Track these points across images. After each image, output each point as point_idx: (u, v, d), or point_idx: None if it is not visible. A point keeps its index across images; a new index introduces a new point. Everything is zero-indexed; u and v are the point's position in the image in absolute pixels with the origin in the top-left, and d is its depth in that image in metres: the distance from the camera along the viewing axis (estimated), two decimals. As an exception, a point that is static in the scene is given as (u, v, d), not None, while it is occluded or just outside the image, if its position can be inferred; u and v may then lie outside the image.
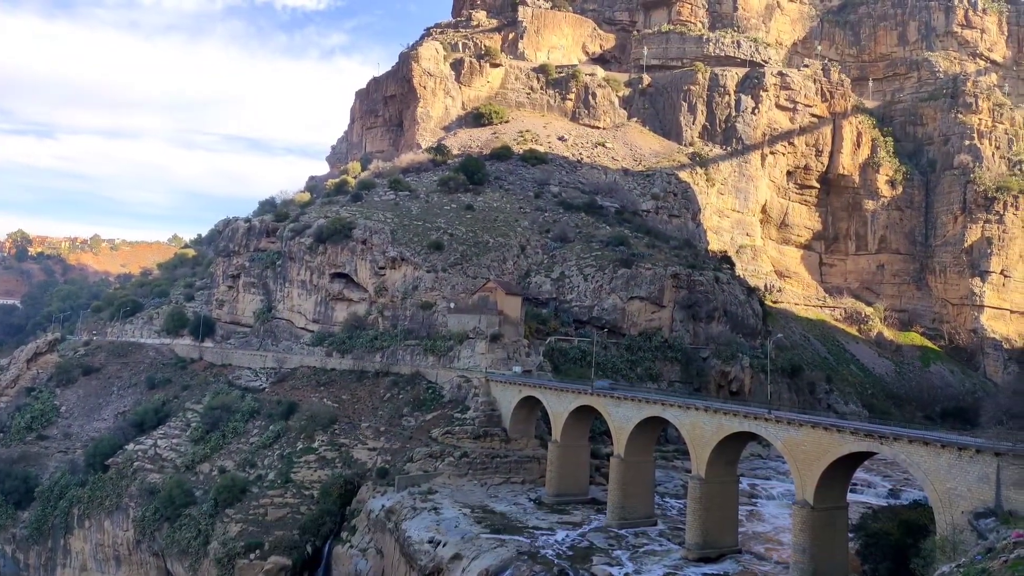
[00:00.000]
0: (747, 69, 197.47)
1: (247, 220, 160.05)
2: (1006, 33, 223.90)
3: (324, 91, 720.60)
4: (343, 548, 77.50)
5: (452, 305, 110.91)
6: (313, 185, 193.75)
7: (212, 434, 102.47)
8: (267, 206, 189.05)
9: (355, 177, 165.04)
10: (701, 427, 66.29)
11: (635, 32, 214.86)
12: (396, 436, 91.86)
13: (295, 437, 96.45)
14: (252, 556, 77.62)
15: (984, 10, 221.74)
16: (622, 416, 74.70)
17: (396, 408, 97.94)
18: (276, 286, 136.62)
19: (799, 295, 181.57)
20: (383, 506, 76.65)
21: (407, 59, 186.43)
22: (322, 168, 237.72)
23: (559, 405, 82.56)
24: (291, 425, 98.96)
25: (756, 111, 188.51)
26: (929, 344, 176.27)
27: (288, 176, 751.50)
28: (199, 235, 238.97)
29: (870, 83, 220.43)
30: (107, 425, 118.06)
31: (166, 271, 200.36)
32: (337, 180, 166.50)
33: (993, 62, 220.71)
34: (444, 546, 64.83)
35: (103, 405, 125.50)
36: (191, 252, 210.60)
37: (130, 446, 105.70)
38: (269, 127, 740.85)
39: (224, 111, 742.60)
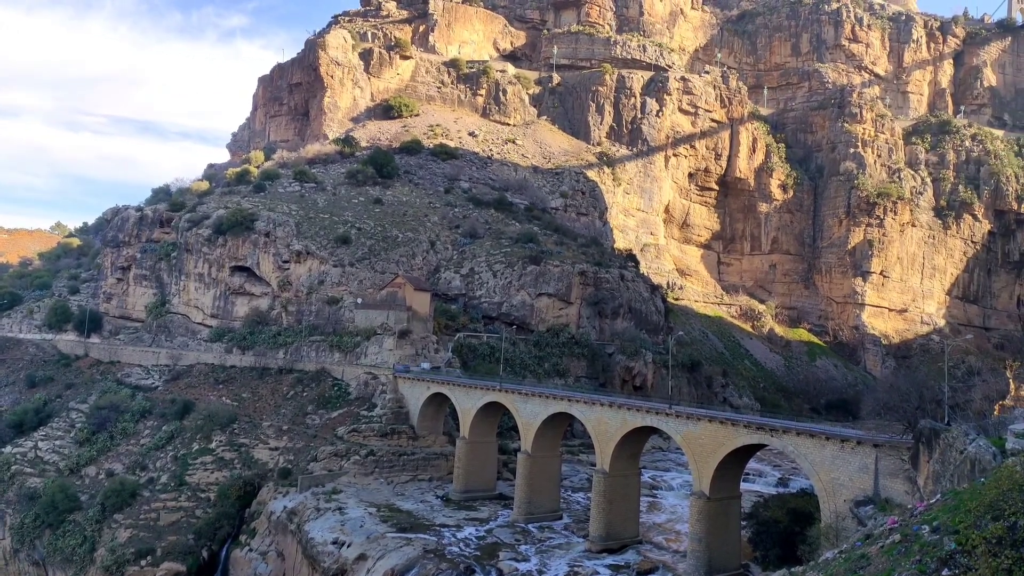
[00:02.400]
0: (652, 73, 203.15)
1: (139, 209, 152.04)
2: (888, 48, 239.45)
3: (223, 75, 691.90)
4: (242, 552, 75.01)
5: (360, 300, 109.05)
6: (212, 174, 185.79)
7: (99, 435, 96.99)
8: (161, 194, 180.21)
9: (258, 167, 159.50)
10: (606, 422, 67.91)
11: (545, 31, 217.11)
12: (300, 435, 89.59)
13: (191, 438, 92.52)
14: (143, 563, 73.98)
15: (869, 26, 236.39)
16: (530, 412, 75.58)
17: (300, 406, 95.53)
18: (171, 279, 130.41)
19: (699, 293, 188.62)
20: (285, 507, 74.63)
21: (314, 46, 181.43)
22: (222, 156, 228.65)
23: (467, 401, 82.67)
24: (186, 425, 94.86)
25: (660, 114, 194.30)
26: (816, 340, 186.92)
27: (184, 163, 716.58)
28: (85, 223, 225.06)
29: (765, 91, 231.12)
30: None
31: (48, 261, 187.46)
32: (239, 169, 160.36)
33: (876, 75, 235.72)
34: (348, 547, 63.80)
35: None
36: (76, 242, 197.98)
37: (7, 448, 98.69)
38: (163, 110, 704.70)
39: (112, 91, 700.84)
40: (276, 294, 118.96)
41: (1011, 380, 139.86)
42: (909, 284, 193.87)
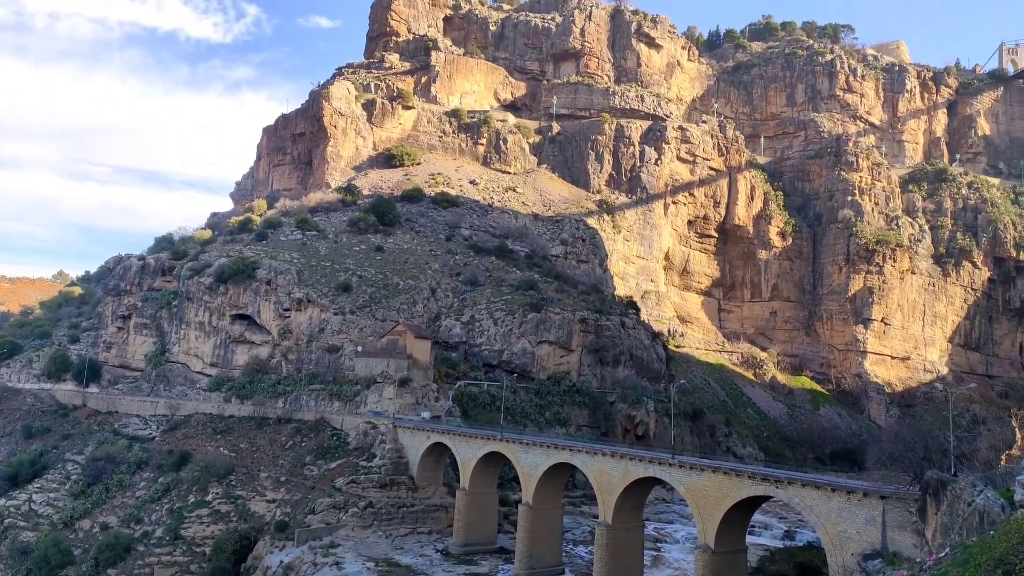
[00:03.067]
0: (650, 122, 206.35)
1: (141, 257, 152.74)
2: (882, 98, 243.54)
3: (228, 125, 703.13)
4: (237, 608, 73.23)
5: (360, 348, 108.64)
6: (215, 222, 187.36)
7: (94, 487, 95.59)
8: (164, 243, 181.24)
9: (261, 215, 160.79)
10: (608, 473, 66.99)
11: (545, 82, 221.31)
12: (297, 486, 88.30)
13: (187, 490, 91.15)
14: (136, 620, 72.14)
15: (863, 76, 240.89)
16: (531, 462, 74.61)
17: (298, 457, 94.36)
18: (171, 327, 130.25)
19: (700, 340, 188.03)
20: (281, 562, 73.12)
21: (318, 97, 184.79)
22: (225, 204, 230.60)
23: (468, 451, 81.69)
24: (183, 476, 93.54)
25: (659, 162, 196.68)
26: (818, 388, 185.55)
27: (188, 212, 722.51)
28: (87, 272, 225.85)
29: (762, 140, 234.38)
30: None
31: (49, 310, 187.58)
32: (241, 218, 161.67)
33: (871, 124, 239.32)
34: (346, 603, 62.26)
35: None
36: (77, 290, 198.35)
37: (1, 501, 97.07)
38: (168, 160, 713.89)
39: (118, 142, 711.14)
40: (276, 342, 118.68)
41: (1017, 429, 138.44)
42: (911, 331, 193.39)
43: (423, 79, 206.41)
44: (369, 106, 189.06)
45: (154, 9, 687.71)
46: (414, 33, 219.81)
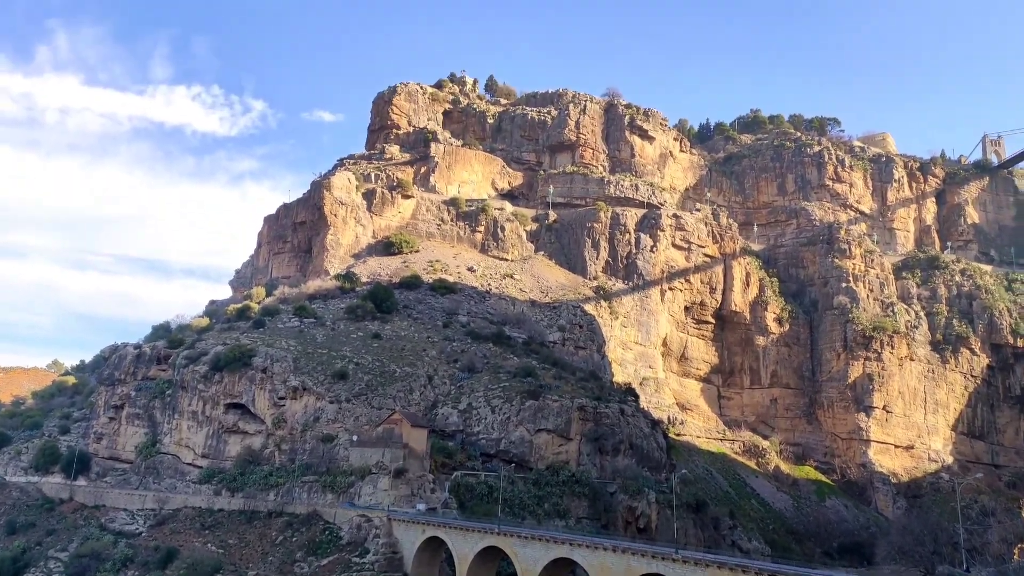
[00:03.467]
0: (645, 210, 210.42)
1: (137, 346, 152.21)
2: (871, 188, 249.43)
3: (230, 215, 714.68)
4: None
5: (355, 438, 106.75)
6: (213, 310, 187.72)
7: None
8: (161, 331, 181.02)
9: (259, 302, 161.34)
10: (610, 568, 64.78)
11: (541, 172, 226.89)
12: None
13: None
14: None
15: (851, 166, 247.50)
16: (529, 557, 72.18)
17: (288, 552, 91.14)
18: (164, 417, 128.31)
19: (700, 428, 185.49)
20: (268, 667, 69.45)
21: (319, 187, 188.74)
22: (225, 292, 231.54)
23: (464, 546, 79.09)
24: (168, 575, 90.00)
25: (654, 249, 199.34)
26: (823, 478, 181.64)
27: (187, 300, 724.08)
28: (82, 361, 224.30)
29: (755, 227, 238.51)
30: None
31: (41, 400, 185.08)
32: (239, 305, 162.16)
33: (862, 212, 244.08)
34: None
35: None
36: (71, 380, 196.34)
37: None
38: (169, 249, 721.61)
39: (121, 231, 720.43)
40: (270, 432, 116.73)
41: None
42: (913, 419, 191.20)
43: (422, 169, 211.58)
44: (369, 195, 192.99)
45: (162, 104, 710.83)
46: (414, 126, 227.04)
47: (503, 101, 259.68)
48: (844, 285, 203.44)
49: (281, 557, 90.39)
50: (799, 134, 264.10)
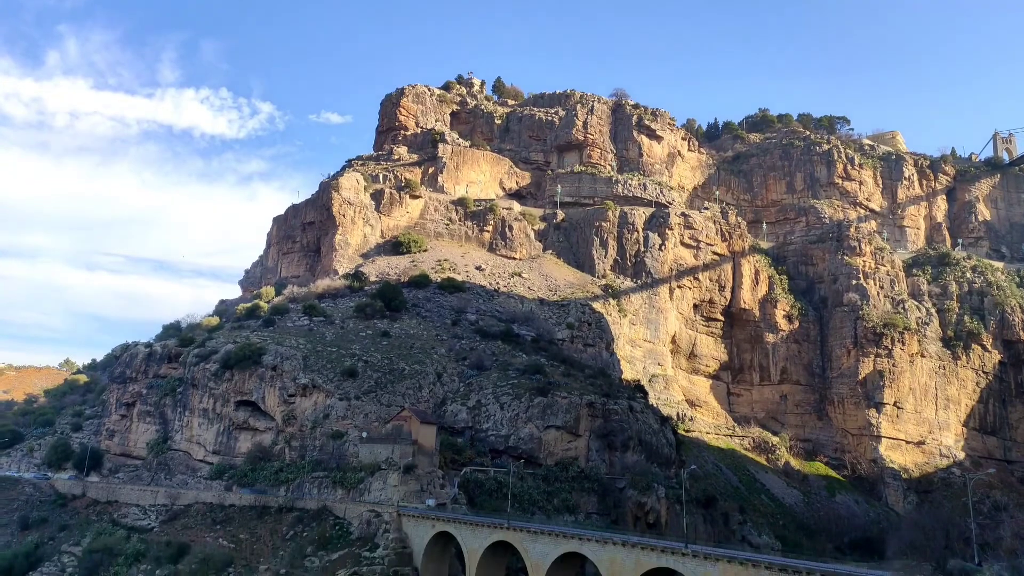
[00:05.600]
0: (653, 209, 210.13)
1: (148, 345, 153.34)
2: (881, 185, 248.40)
3: (239, 215, 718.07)
4: None
5: (364, 434, 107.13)
6: (223, 309, 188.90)
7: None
8: (171, 330, 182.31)
9: (268, 302, 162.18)
10: (619, 563, 64.74)
11: (549, 171, 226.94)
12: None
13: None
14: None
15: (860, 165, 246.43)
16: (539, 552, 72.22)
17: (299, 548, 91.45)
18: (175, 415, 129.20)
19: (710, 424, 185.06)
20: (280, 660, 69.78)
21: (328, 188, 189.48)
22: (234, 292, 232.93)
23: (474, 541, 79.21)
24: (180, 570, 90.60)
25: (663, 247, 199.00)
26: (833, 474, 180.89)
27: (197, 300, 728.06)
28: (93, 360, 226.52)
29: (764, 225, 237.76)
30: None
31: (54, 398, 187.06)
32: (249, 304, 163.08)
33: (872, 210, 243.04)
34: None
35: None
36: (83, 378, 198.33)
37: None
38: (179, 249, 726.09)
39: (131, 232, 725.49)
40: (280, 428, 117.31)
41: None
42: (924, 415, 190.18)
43: (430, 170, 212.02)
44: (377, 196, 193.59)
45: (171, 107, 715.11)
46: (422, 127, 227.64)
47: (510, 102, 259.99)
48: (854, 282, 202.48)
49: (292, 552, 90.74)
50: (808, 133, 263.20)
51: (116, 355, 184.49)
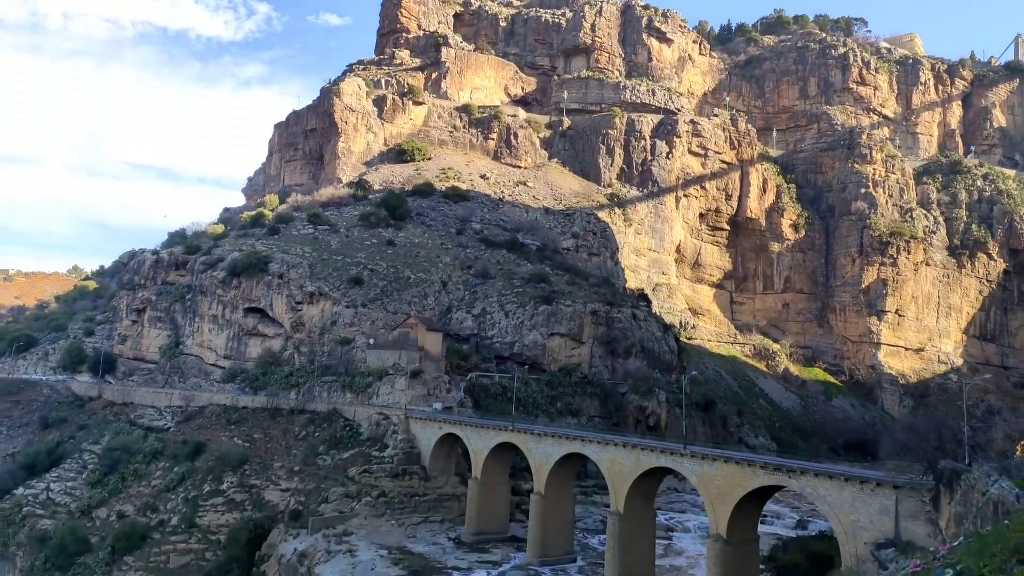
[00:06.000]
0: (661, 116, 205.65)
1: (155, 252, 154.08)
2: (896, 91, 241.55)
3: (240, 121, 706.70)
4: (252, 596, 73.93)
5: (372, 341, 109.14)
6: (228, 217, 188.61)
7: (110, 477, 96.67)
8: (177, 238, 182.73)
9: (272, 210, 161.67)
10: (620, 463, 67.08)
11: (555, 77, 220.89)
12: (311, 476, 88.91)
13: (202, 479, 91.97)
14: (152, 607, 73.01)
15: (876, 69, 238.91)
16: (542, 453, 74.81)
17: (311, 447, 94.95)
18: (185, 321, 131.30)
19: (712, 332, 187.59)
20: (295, 550, 73.71)
21: (328, 94, 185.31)
22: (238, 200, 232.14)
23: (480, 442, 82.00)
24: (198, 466, 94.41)
25: (670, 156, 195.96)
26: (831, 379, 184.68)
27: (201, 207, 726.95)
28: (101, 266, 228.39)
29: (774, 133, 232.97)
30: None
31: (65, 304, 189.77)
32: (253, 213, 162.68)
33: (885, 117, 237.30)
34: (360, 590, 62.75)
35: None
36: (92, 284, 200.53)
37: (19, 490, 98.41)
38: (181, 156, 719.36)
39: (132, 139, 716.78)
40: (289, 335, 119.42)
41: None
42: (925, 323, 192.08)
43: (433, 75, 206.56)
44: (380, 102, 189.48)
45: (167, 7, 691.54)
46: (424, 30, 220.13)
47: (516, 3, 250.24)
48: (863, 191, 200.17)
49: (304, 451, 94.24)
50: (824, 35, 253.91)
51: (123, 262, 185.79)
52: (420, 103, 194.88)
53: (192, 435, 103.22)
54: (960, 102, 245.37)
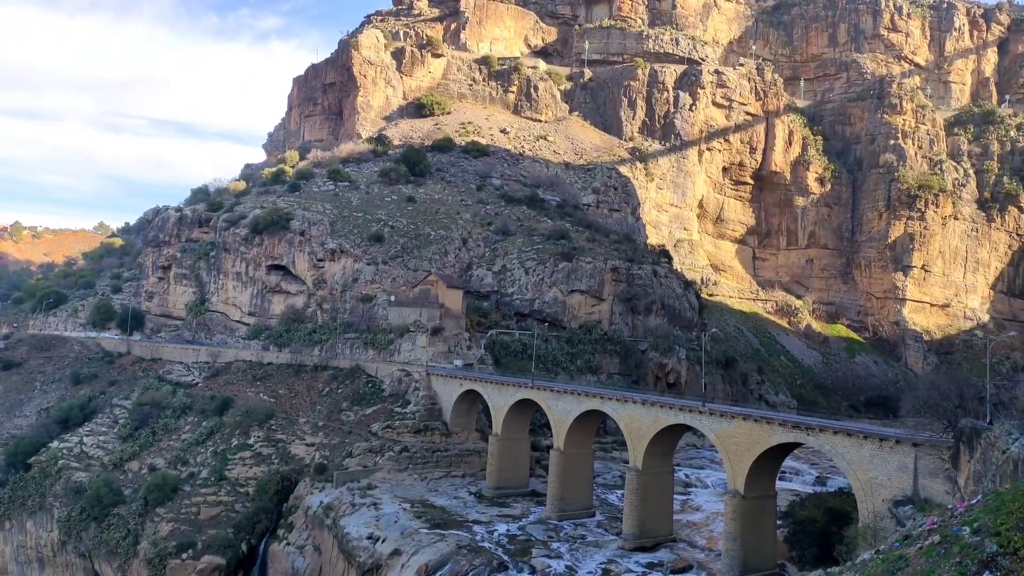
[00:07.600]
0: (685, 66, 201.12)
1: (178, 209, 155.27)
2: (928, 37, 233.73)
3: (259, 75, 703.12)
4: (280, 546, 76.28)
5: (393, 298, 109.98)
6: (249, 173, 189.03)
7: (141, 431, 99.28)
8: (200, 195, 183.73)
9: (293, 166, 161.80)
10: (638, 420, 67.60)
11: (577, 26, 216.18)
12: (335, 431, 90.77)
13: (230, 433, 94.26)
14: (184, 556, 75.69)
15: (909, 14, 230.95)
16: (562, 409, 75.55)
17: (335, 402, 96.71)
18: (210, 278, 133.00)
19: (733, 288, 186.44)
20: (321, 502, 75.72)
21: (347, 47, 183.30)
22: (258, 156, 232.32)
23: (500, 399, 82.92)
24: (225, 421, 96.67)
25: (694, 108, 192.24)
26: (854, 336, 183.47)
27: (222, 163, 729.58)
28: (127, 223, 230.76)
29: (802, 83, 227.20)
30: (29, 422, 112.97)
31: (92, 261, 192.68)
32: (274, 169, 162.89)
33: (917, 65, 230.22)
34: (383, 542, 64.50)
35: (24, 401, 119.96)
36: (118, 241, 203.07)
37: (54, 444, 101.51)
38: (201, 111, 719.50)
39: (152, 93, 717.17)
40: (311, 292, 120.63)
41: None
42: (951, 278, 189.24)
43: (452, 26, 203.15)
44: (399, 55, 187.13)
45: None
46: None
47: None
48: (892, 143, 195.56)
49: (328, 406, 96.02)
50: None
51: (148, 219, 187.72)
52: (439, 55, 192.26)
53: (219, 390, 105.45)
54: (996, 48, 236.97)
